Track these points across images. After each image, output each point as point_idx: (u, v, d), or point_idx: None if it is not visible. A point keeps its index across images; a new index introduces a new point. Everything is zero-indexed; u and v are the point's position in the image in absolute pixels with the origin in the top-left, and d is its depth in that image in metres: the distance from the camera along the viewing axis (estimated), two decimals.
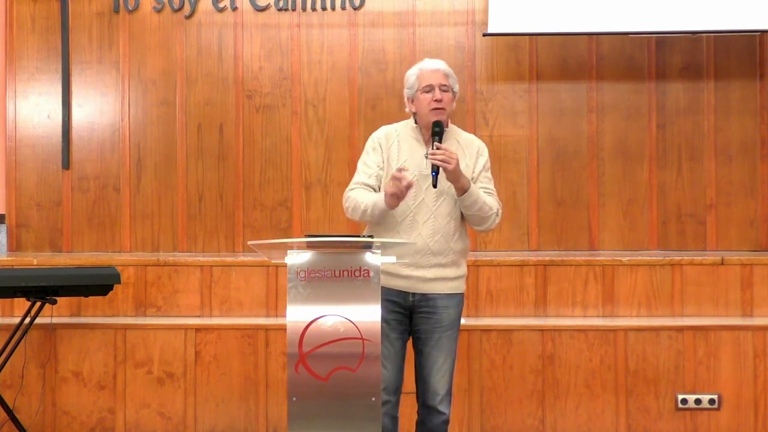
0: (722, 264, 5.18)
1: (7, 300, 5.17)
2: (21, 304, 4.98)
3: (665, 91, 5.92)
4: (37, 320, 4.73)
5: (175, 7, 5.99)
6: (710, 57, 5.90)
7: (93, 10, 6.03)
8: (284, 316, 3.83)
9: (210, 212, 5.98)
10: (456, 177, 3.67)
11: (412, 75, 3.86)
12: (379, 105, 5.90)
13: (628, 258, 5.25)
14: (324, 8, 5.97)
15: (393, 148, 3.84)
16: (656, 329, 4.90)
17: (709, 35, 5.82)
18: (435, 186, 3.66)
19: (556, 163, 5.93)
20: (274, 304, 5.20)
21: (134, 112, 6.01)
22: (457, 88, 3.89)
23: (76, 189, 6.01)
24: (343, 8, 5.97)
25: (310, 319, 3.38)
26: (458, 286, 3.86)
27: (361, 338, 3.36)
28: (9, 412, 4.73)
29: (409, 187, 3.59)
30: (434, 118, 3.77)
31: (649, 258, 5.24)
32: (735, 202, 5.87)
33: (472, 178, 3.81)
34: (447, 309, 3.80)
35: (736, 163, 5.89)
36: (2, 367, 4.72)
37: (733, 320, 5.03)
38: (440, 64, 3.87)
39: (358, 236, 3.53)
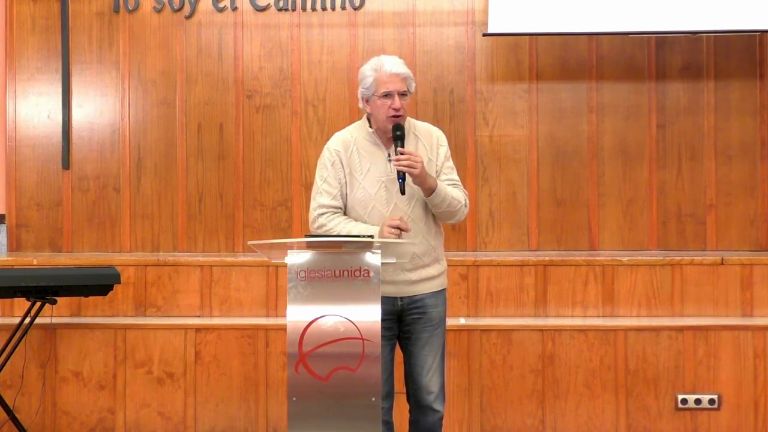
0: (722, 264, 5.18)
1: (7, 300, 5.17)
2: (21, 304, 4.98)
3: (665, 91, 5.91)
4: (37, 320, 4.74)
5: (175, 7, 5.99)
6: (710, 57, 5.90)
7: (93, 10, 6.02)
8: (284, 316, 3.83)
9: (210, 212, 5.98)
10: (423, 179, 3.61)
11: (368, 76, 3.75)
12: None
13: (628, 258, 5.25)
14: (324, 8, 5.97)
15: (354, 157, 3.75)
16: (656, 329, 4.91)
17: (709, 35, 5.82)
18: (403, 193, 3.60)
19: (556, 163, 5.93)
20: (274, 304, 5.20)
21: (134, 112, 6.01)
22: (413, 86, 3.79)
23: (76, 189, 6.01)
24: (343, 8, 5.97)
25: (310, 319, 3.38)
26: (442, 282, 3.84)
27: (361, 338, 3.36)
28: (9, 412, 4.73)
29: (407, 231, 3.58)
30: (395, 123, 3.68)
31: (649, 258, 5.24)
32: (735, 202, 5.87)
33: (436, 171, 3.75)
34: (436, 307, 3.78)
35: (736, 163, 5.89)
36: (2, 367, 4.72)
37: (733, 320, 5.03)
38: (399, 67, 3.76)
39: (358, 236, 3.53)
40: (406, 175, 3.58)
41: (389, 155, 3.70)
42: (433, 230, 3.80)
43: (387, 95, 3.69)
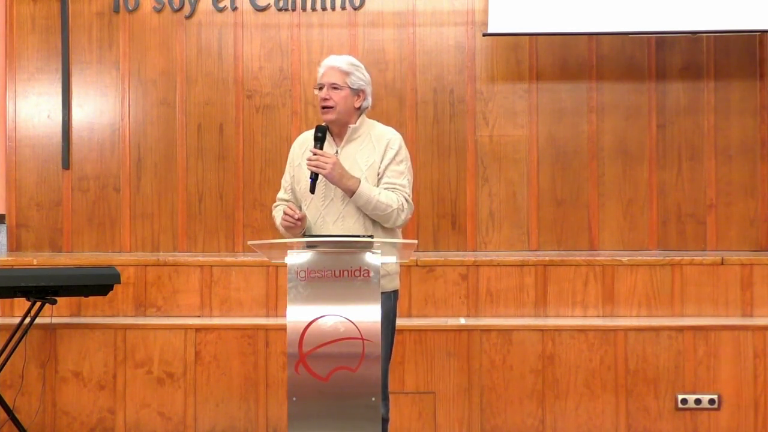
0: (722, 264, 5.18)
1: (7, 300, 5.16)
2: (21, 304, 4.98)
3: (665, 91, 5.92)
4: (37, 320, 4.73)
5: (175, 7, 5.99)
6: (710, 57, 5.90)
7: (93, 10, 6.03)
8: (284, 316, 3.82)
9: (210, 212, 5.98)
10: (337, 180, 3.66)
11: (319, 69, 3.88)
12: (379, 105, 5.90)
13: (628, 258, 5.25)
14: (324, 8, 5.97)
15: (306, 153, 3.82)
16: (656, 329, 4.90)
17: (709, 35, 5.82)
18: (312, 191, 3.69)
19: (556, 163, 5.93)
20: (274, 304, 5.20)
21: (134, 112, 6.01)
22: (359, 84, 3.80)
23: (76, 189, 6.01)
24: (343, 8, 5.97)
25: (310, 319, 3.38)
26: (381, 285, 3.71)
27: (361, 338, 3.36)
28: (9, 412, 4.73)
29: (300, 219, 3.69)
30: (323, 117, 3.78)
31: (649, 258, 5.24)
32: (735, 202, 5.87)
33: (379, 173, 3.77)
34: None
35: (736, 163, 5.89)
36: (2, 367, 4.72)
37: (733, 320, 5.03)
38: (338, 61, 3.82)
39: (358, 236, 3.53)
40: (319, 175, 3.67)
41: (336, 152, 3.76)
42: (372, 230, 3.75)
43: (320, 87, 3.80)
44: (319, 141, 3.73)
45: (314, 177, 3.67)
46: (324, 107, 3.78)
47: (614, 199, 5.90)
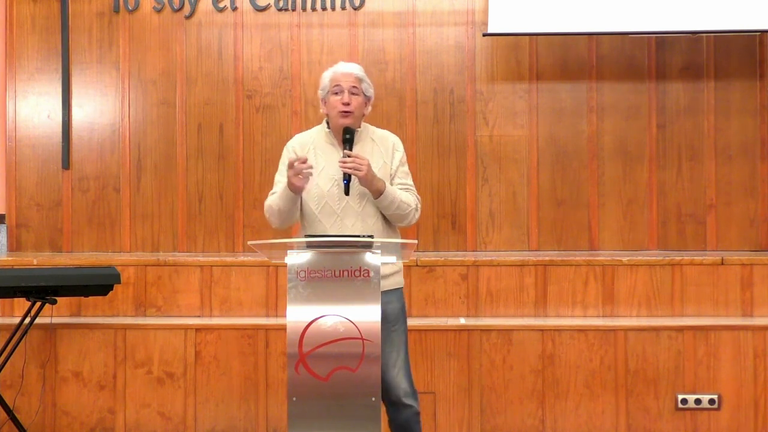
0: (722, 264, 5.18)
1: (7, 300, 5.17)
2: (21, 304, 4.98)
3: (665, 91, 5.92)
4: (37, 320, 4.73)
5: (175, 7, 5.99)
6: (710, 57, 5.90)
7: (93, 10, 6.03)
8: (284, 316, 3.83)
9: (210, 212, 5.98)
10: (369, 182, 3.70)
11: (326, 77, 3.88)
12: (379, 105, 5.90)
13: (628, 258, 5.25)
14: (324, 8, 5.97)
15: (310, 156, 3.84)
16: (656, 329, 4.90)
17: (709, 35, 5.82)
18: (347, 194, 3.70)
19: (556, 163, 5.93)
20: (274, 304, 5.20)
21: (134, 112, 6.01)
22: (370, 92, 3.89)
23: (76, 189, 6.01)
24: (343, 8, 5.97)
25: (310, 319, 3.38)
26: (397, 281, 3.84)
27: (361, 338, 3.36)
28: (9, 412, 4.73)
29: (309, 167, 3.64)
30: (341, 121, 3.79)
31: (649, 258, 5.24)
32: (735, 202, 5.87)
33: (391, 174, 3.84)
34: (389, 304, 3.75)
35: (736, 163, 5.89)
36: (2, 367, 4.72)
37: (733, 320, 5.03)
38: (353, 68, 3.88)
39: (358, 236, 3.53)
40: (352, 176, 3.68)
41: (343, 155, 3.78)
42: (385, 232, 3.82)
43: (338, 92, 3.81)
44: (348, 143, 3.75)
45: (348, 179, 3.68)
46: (345, 112, 3.79)
47: (614, 199, 5.90)
